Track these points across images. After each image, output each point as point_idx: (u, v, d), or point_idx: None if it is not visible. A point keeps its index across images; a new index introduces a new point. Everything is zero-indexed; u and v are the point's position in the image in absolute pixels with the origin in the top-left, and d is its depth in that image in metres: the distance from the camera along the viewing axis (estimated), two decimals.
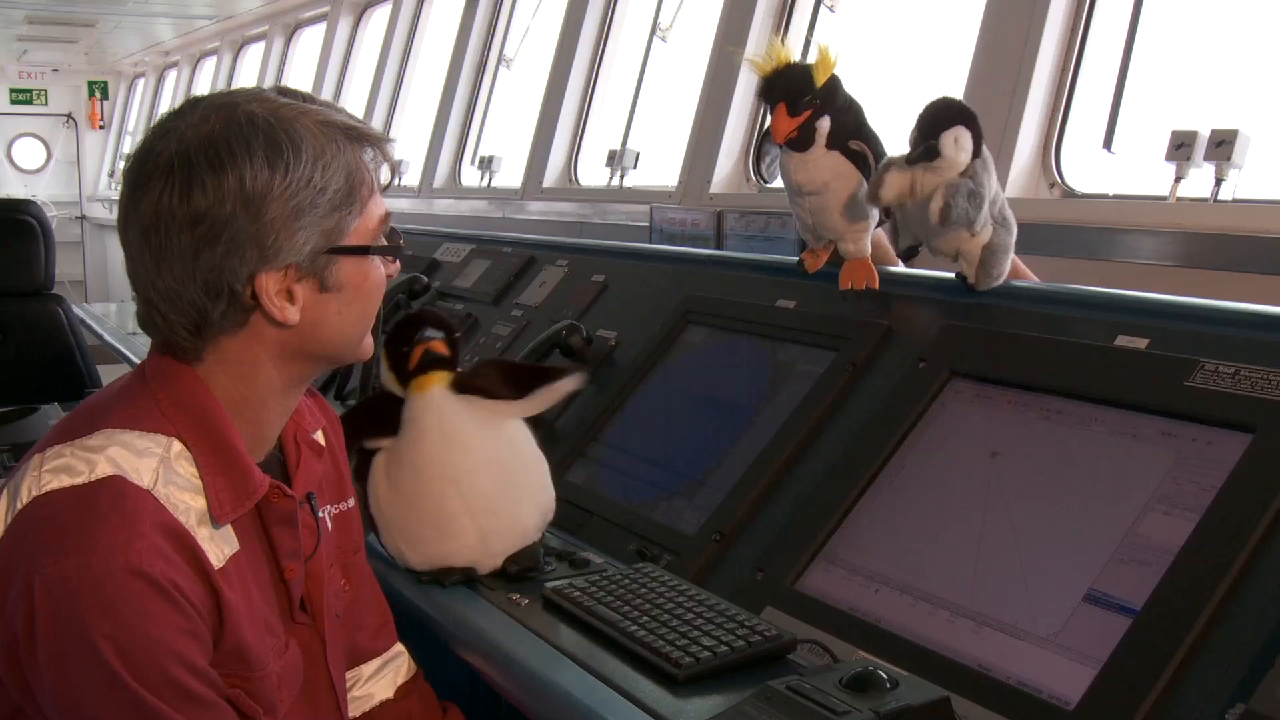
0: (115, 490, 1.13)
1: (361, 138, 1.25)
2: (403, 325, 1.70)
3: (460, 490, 1.61)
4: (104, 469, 1.14)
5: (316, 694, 1.38)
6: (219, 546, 1.20)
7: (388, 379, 1.69)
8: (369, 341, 1.34)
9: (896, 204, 1.76)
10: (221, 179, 1.15)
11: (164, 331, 1.22)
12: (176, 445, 1.20)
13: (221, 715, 1.17)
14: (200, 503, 1.19)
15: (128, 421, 1.19)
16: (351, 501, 1.52)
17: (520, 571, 1.64)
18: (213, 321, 1.20)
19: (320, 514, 1.39)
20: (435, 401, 1.64)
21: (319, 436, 1.44)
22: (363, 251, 1.26)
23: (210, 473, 1.20)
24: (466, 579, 1.64)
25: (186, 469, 1.19)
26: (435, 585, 1.64)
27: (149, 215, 1.17)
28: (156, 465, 1.17)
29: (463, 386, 1.66)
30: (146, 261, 1.19)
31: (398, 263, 1.34)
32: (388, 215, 1.30)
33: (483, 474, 1.63)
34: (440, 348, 1.66)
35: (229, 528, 1.22)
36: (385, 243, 1.30)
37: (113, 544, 1.09)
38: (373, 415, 1.68)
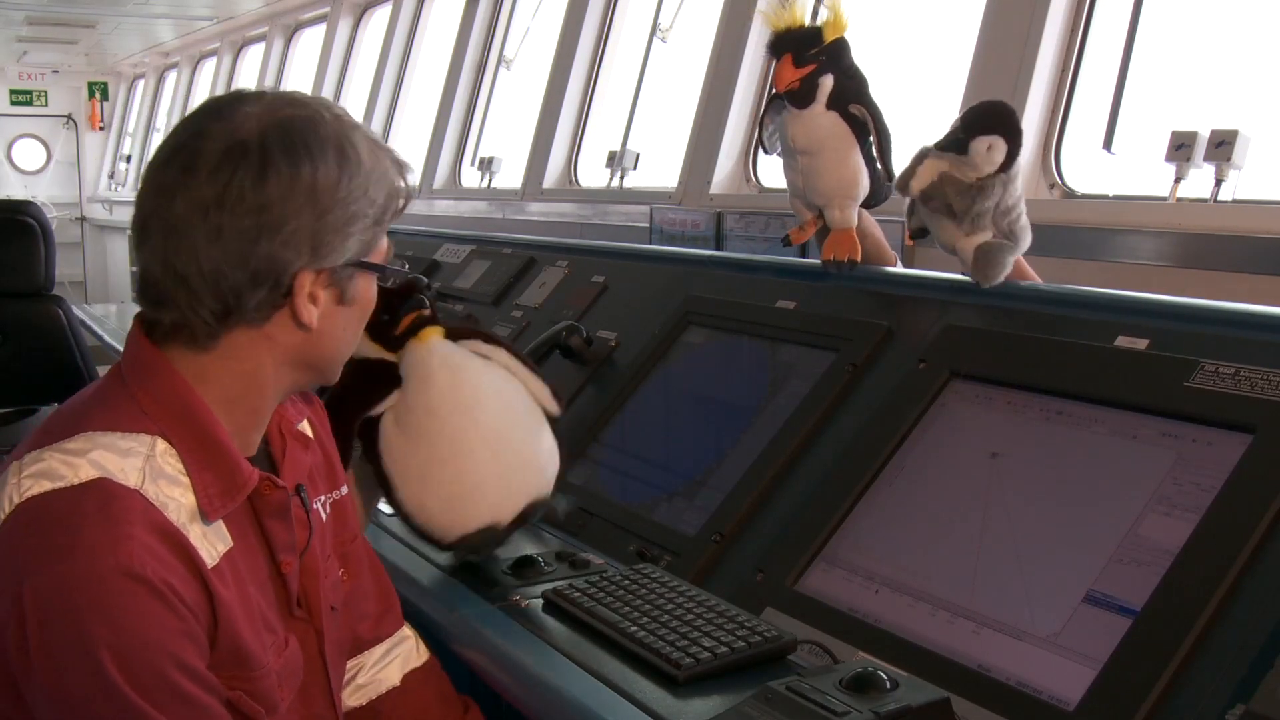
0: (102, 492, 1.11)
1: (400, 166, 1.29)
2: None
3: (474, 418, 1.60)
4: (88, 472, 1.11)
5: (311, 689, 1.37)
6: (212, 544, 1.18)
7: (371, 349, 1.66)
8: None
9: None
10: (298, 170, 1.17)
11: (183, 310, 1.19)
12: (161, 444, 1.18)
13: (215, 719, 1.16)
14: (190, 500, 1.17)
15: (108, 423, 1.17)
16: (344, 490, 1.52)
17: (543, 519, 1.68)
18: (244, 310, 1.19)
19: (314, 505, 1.39)
20: (437, 346, 1.63)
21: (304, 427, 1.43)
22: (379, 270, 1.29)
23: (197, 469, 1.19)
24: (496, 541, 1.64)
25: (173, 466, 1.17)
26: (471, 557, 1.65)
27: (217, 192, 1.15)
28: (142, 465, 1.14)
29: (459, 333, 1.67)
30: (197, 238, 1.16)
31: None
32: (391, 244, 1.34)
33: (492, 403, 1.63)
34: (428, 310, 1.67)
35: (221, 524, 1.21)
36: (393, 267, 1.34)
37: (101, 546, 1.08)
38: (368, 382, 1.66)
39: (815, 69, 1.84)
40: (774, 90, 1.94)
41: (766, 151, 2.04)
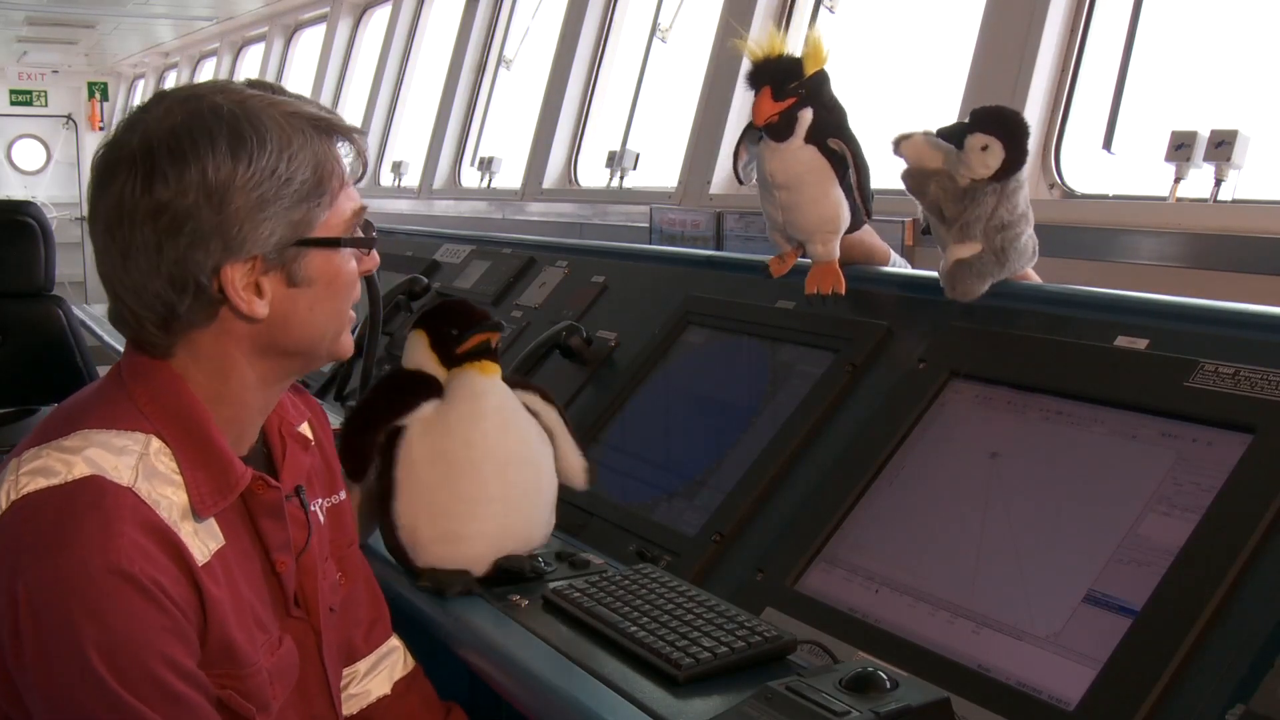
0: (94, 489, 1.12)
1: (331, 129, 1.24)
2: (450, 310, 1.68)
3: (505, 477, 1.61)
4: (81, 469, 1.13)
5: (310, 689, 1.37)
6: (203, 542, 1.19)
7: (426, 358, 1.66)
8: (347, 340, 1.32)
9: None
10: (184, 170, 1.15)
11: (134, 327, 1.22)
12: (155, 442, 1.19)
13: (203, 717, 1.16)
14: (182, 498, 1.18)
15: (104, 421, 1.18)
16: (343, 495, 1.52)
17: (508, 573, 1.62)
18: (180, 315, 1.19)
19: (311, 507, 1.39)
20: (496, 386, 1.64)
21: (305, 429, 1.43)
22: (332, 244, 1.25)
23: (190, 467, 1.19)
24: (467, 589, 1.61)
25: (167, 465, 1.18)
26: (436, 594, 1.61)
27: (113, 208, 1.17)
28: (135, 463, 1.15)
29: (515, 382, 1.69)
30: (113, 256, 1.19)
31: (374, 256, 1.32)
32: (362, 209, 1.28)
33: (526, 469, 1.64)
34: (496, 339, 1.66)
35: (213, 522, 1.22)
36: (359, 235, 1.28)
37: (91, 544, 1.09)
38: (400, 391, 1.65)
39: (795, 102, 1.79)
40: (748, 132, 1.90)
41: (741, 182, 2.01)
